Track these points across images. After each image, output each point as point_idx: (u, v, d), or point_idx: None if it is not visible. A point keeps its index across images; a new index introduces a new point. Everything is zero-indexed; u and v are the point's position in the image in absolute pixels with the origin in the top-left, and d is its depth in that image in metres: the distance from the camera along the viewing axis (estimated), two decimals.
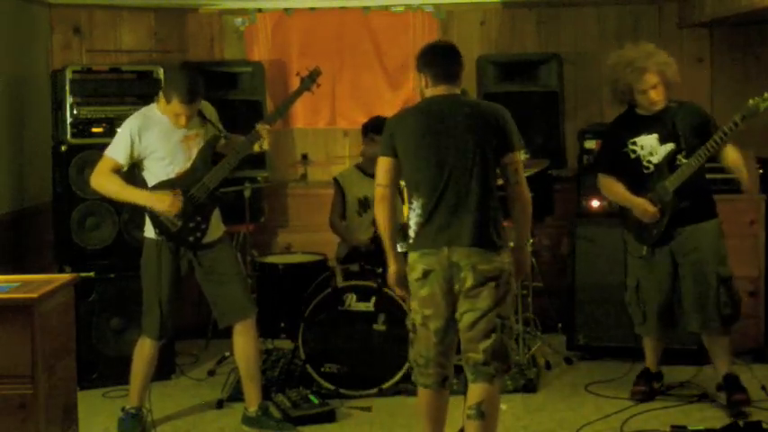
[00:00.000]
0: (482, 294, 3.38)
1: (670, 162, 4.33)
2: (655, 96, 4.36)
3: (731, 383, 4.38)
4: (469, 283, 3.38)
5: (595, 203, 5.32)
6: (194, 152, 4.24)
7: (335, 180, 5.45)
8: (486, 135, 3.45)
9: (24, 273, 3.89)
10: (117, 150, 4.19)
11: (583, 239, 5.28)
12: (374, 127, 5.33)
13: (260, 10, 6.06)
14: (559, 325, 5.61)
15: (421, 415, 3.62)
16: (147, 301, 4.29)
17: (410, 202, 3.55)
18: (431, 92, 3.55)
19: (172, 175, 4.20)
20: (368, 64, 6.10)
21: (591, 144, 5.39)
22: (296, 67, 6.05)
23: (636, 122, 4.45)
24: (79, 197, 5.00)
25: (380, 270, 4.80)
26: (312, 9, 6.07)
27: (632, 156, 4.42)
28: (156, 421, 4.32)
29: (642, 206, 4.35)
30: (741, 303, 4.41)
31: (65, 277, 3.50)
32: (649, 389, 4.59)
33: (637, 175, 4.41)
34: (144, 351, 4.33)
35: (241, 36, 6.08)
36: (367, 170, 5.41)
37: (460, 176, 3.42)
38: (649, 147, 4.39)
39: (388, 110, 5.99)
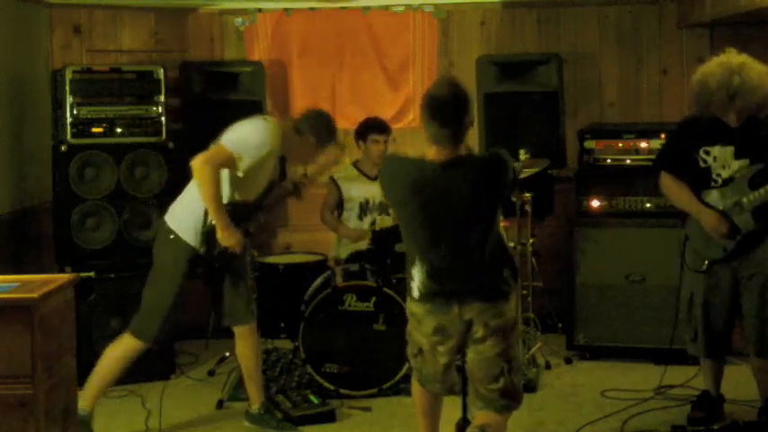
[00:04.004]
0: (488, 342, 3.32)
1: (749, 179, 4.00)
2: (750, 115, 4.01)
3: None
4: (480, 335, 3.32)
5: (595, 203, 5.32)
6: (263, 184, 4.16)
7: (333, 179, 5.45)
8: (483, 198, 3.27)
9: (24, 273, 3.90)
10: (243, 151, 3.94)
11: (583, 239, 5.28)
12: (367, 128, 5.34)
13: (260, 10, 6.06)
14: (559, 325, 5.62)
15: (420, 413, 3.66)
16: (151, 302, 4.12)
17: (410, 252, 3.42)
18: (428, 152, 3.32)
19: (242, 198, 4.05)
20: (368, 64, 6.10)
21: (591, 144, 5.39)
22: (296, 67, 6.09)
23: (715, 129, 4.07)
24: (79, 197, 5.00)
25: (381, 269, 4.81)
26: (312, 9, 6.07)
27: (701, 165, 4.08)
28: (155, 421, 4.32)
29: (714, 221, 4.02)
30: None
31: (65, 277, 3.50)
32: (707, 415, 4.27)
33: (701, 185, 4.09)
34: (128, 352, 4.11)
35: (241, 36, 6.08)
36: (365, 170, 5.41)
37: (461, 239, 3.26)
38: (723, 159, 4.04)
39: (388, 110, 6.04)
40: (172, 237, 4.06)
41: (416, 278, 3.36)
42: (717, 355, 4.29)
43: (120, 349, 4.16)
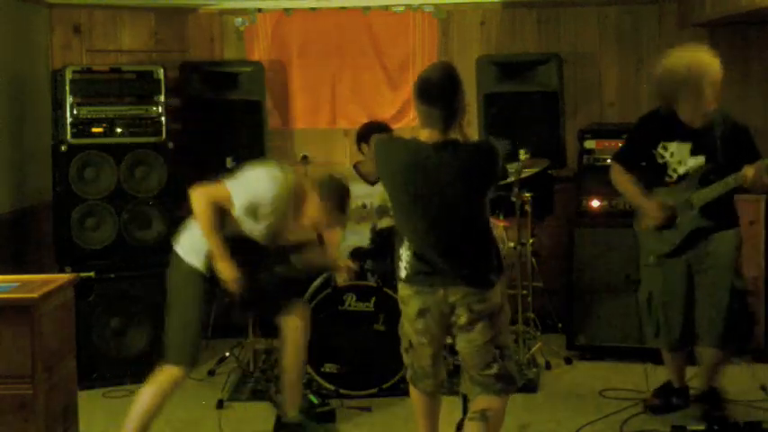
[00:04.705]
0: (476, 328, 3.37)
1: (701, 176, 4.09)
2: (705, 114, 4.08)
3: (713, 399, 4.30)
4: (464, 320, 3.37)
5: (595, 203, 5.32)
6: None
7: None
8: (473, 183, 3.31)
9: (24, 273, 3.90)
10: (240, 195, 3.86)
11: (583, 239, 5.28)
12: (371, 131, 5.34)
13: (260, 10, 6.06)
14: (559, 325, 5.62)
15: (419, 414, 3.68)
16: (178, 327, 3.96)
17: (399, 232, 3.48)
18: (420, 134, 3.37)
19: (248, 234, 3.95)
20: (368, 64, 6.10)
21: (591, 144, 5.39)
22: (296, 67, 6.09)
23: (673, 125, 4.13)
24: (79, 197, 5.00)
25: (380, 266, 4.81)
26: (312, 9, 6.07)
27: (659, 160, 4.17)
28: (155, 421, 4.32)
29: (653, 209, 4.13)
30: (754, 321, 4.25)
31: (65, 277, 3.50)
32: (665, 403, 4.42)
33: (657, 181, 4.19)
34: (168, 382, 3.91)
35: (241, 36, 6.08)
36: (364, 173, 5.41)
37: (448, 223, 3.32)
38: (679, 155, 4.13)
39: (388, 110, 6.04)
40: (181, 263, 3.97)
41: (404, 258, 3.43)
42: (679, 348, 4.37)
43: (160, 383, 3.93)
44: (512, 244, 5.15)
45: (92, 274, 4.97)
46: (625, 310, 5.16)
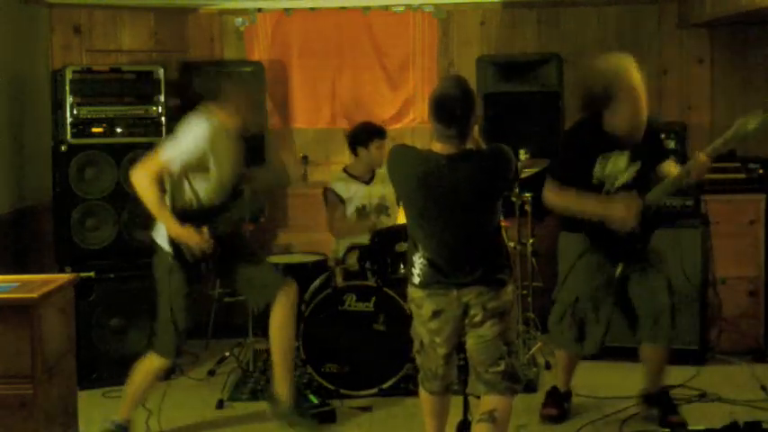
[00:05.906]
0: (486, 324, 3.43)
1: (637, 181, 3.97)
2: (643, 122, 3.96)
3: (666, 401, 4.28)
4: (478, 318, 3.43)
5: None
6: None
7: (331, 190, 5.36)
8: (486, 190, 3.37)
9: (24, 273, 3.90)
10: (174, 156, 3.87)
11: None
12: (371, 135, 5.32)
13: (260, 10, 6.06)
14: None
15: (426, 414, 3.69)
16: (160, 317, 4.08)
17: (412, 239, 3.50)
18: (434, 145, 3.39)
19: (204, 201, 3.99)
20: (368, 64, 6.10)
21: None
22: (296, 67, 6.09)
23: (608, 136, 3.98)
24: (79, 197, 5.01)
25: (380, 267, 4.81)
26: (312, 9, 6.08)
27: (596, 176, 3.99)
28: (155, 421, 4.32)
29: (622, 212, 3.87)
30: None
31: (65, 277, 3.50)
32: (561, 411, 4.38)
33: (597, 192, 4.00)
34: (151, 369, 4.13)
35: (241, 36, 6.08)
36: (358, 175, 5.39)
37: (462, 229, 3.37)
38: (619, 165, 3.97)
39: (388, 110, 6.04)
40: (156, 249, 4.05)
41: (417, 264, 3.46)
42: (597, 352, 4.31)
43: (146, 367, 4.16)
44: (512, 244, 5.15)
45: (92, 274, 4.97)
46: None
